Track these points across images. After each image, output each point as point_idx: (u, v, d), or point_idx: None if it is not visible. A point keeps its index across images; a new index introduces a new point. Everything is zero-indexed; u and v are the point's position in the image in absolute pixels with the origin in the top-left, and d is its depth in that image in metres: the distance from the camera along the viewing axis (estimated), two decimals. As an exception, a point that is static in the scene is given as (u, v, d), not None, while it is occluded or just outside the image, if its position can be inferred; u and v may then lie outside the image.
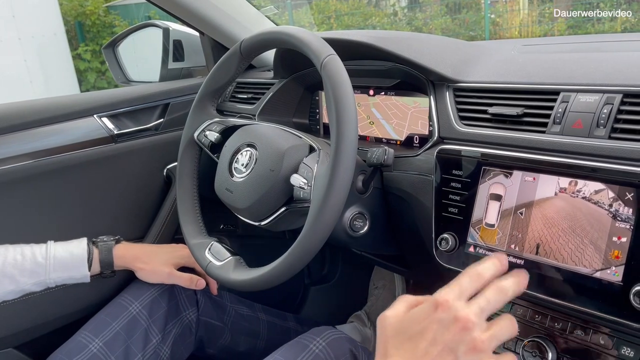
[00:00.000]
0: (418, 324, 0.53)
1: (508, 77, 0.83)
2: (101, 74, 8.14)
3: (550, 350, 0.72)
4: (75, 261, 0.93)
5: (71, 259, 0.93)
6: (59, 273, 0.92)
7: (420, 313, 0.54)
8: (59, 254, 0.92)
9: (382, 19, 7.52)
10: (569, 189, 0.68)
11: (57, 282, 0.93)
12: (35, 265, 0.90)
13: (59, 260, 0.92)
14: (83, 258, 0.94)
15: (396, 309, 0.56)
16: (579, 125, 0.70)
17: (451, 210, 0.80)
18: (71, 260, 0.93)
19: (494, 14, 6.48)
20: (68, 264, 0.92)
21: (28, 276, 0.90)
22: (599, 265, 0.65)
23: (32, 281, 0.91)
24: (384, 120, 1.04)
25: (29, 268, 0.90)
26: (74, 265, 0.93)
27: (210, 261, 0.90)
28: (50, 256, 0.91)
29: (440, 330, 0.51)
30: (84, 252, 0.94)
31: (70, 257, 0.93)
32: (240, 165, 0.90)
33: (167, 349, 0.98)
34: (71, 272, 0.93)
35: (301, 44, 0.80)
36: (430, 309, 0.53)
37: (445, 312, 0.52)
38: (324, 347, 0.84)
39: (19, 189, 1.05)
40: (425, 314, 0.53)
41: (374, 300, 1.47)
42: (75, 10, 8.23)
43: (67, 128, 1.13)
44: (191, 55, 1.44)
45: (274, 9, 1.49)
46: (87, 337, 0.92)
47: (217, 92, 1.01)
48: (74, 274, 0.93)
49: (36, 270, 0.90)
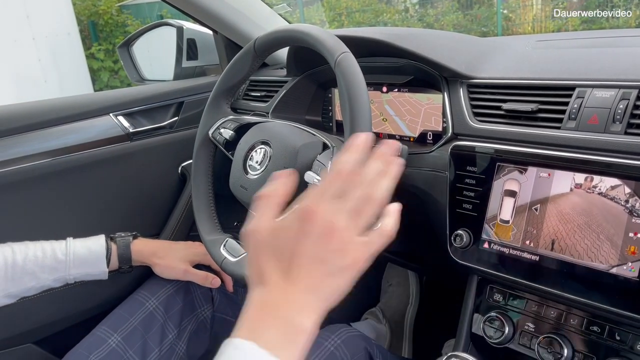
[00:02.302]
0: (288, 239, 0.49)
1: (522, 72, 0.83)
2: (114, 73, 8.20)
3: (566, 346, 0.72)
4: (93, 257, 0.94)
5: (90, 255, 0.94)
6: (78, 269, 0.93)
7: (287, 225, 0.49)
8: (78, 250, 0.94)
9: (393, 16, 7.49)
10: (584, 184, 0.68)
11: (77, 278, 0.94)
12: (55, 262, 0.92)
13: (78, 256, 0.93)
14: (101, 254, 0.95)
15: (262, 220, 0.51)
16: (595, 121, 0.70)
17: (465, 206, 0.80)
18: (90, 257, 0.94)
19: (506, 10, 6.42)
20: (87, 260, 0.94)
21: (48, 272, 0.91)
22: (615, 261, 0.65)
23: (52, 277, 0.92)
24: (397, 117, 1.04)
25: (49, 264, 0.91)
26: (93, 261, 0.94)
27: (225, 257, 0.90)
28: (70, 252, 0.93)
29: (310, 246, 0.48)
30: (102, 249, 0.95)
31: (88, 254, 0.94)
32: (254, 163, 0.90)
33: (183, 345, 0.99)
34: (90, 269, 0.94)
35: (315, 41, 0.81)
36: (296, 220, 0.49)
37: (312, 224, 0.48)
38: (339, 344, 0.85)
39: (36, 187, 1.07)
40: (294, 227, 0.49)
41: (388, 297, 1.48)
42: (89, 10, 8.30)
43: (83, 127, 1.14)
44: (205, 53, 1.44)
45: (287, 7, 1.49)
46: (106, 332, 0.93)
47: (231, 90, 1.01)
48: (93, 270, 0.94)
49: (56, 266, 0.92)
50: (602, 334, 0.71)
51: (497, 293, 0.83)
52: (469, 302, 0.86)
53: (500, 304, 0.82)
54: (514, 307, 0.80)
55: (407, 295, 1.46)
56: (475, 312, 0.85)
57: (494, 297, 0.83)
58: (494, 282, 0.83)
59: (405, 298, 1.45)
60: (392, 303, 1.46)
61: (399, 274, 1.49)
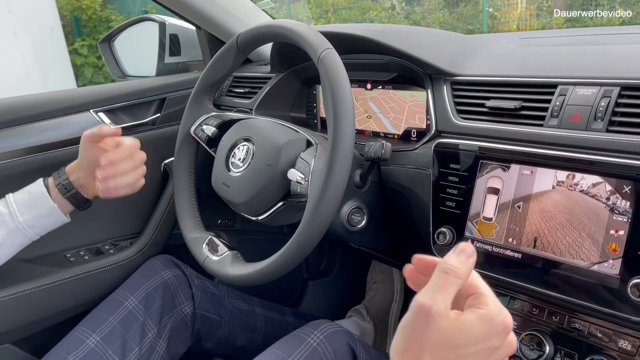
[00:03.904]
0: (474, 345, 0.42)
1: (506, 70, 0.83)
2: (98, 69, 8.10)
3: (548, 343, 0.72)
4: (35, 197, 0.90)
5: (30, 196, 0.90)
6: (26, 215, 0.89)
7: (479, 331, 0.42)
8: (18, 198, 0.90)
9: (379, 13, 7.49)
10: (566, 182, 0.68)
11: (31, 225, 0.90)
12: (0, 216, 0.88)
13: (20, 202, 0.89)
14: (42, 191, 0.90)
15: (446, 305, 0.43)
16: (577, 119, 0.70)
17: (449, 204, 0.80)
18: (31, 198, 0.90)
19: (492, 8, 6.45)
20: (30, 203, 0.90)
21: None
22: (596, 259, 0.65)
23: (3, 232, 0.88)
24: (382, 114, 1.04)
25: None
26: (36, 200, 0.90)
27: (207, 256, 0.90)
28: (10, 202, 0.89)
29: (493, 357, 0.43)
30: (41, 187, 0.91)
31: (29, 196, 0.90)
32: (237, 160, 0.89)
33: (163, 343, 0.98)
34: (38, 209, 0.90)
35: (298, 37, 0.80)
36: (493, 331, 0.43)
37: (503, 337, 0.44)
38: (321, 340, 0.84)
39: (15, 184, 1.04)
40: (485, 336, 0.43)
41: (373, 295, 1.48)
42: (72, 5, 8.18)
43: (63, 123, 1.12)
44: (188, 49, 1.43)
45: (271, 3, 1.48)
46: (84, 333, 0.92)
47: (214, 86, 1.00)
48: (41, 210, 0.90)
49: (3, 220, 0.88)
50: (583, 331, 0.71)
51: (480, 290, 0.83)
52: (452, 300, 0.86)
53: (483, 301, 0.82)
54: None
55: (392, 292, 1.46)
56: (458, 310, 0.85)
57: (477, 295, 0.83)
58: (477, 280, 0.83)
59: (390, 295, 1.45)
60: (376, 300, 1.45)
61: (383, 271, 1.49)
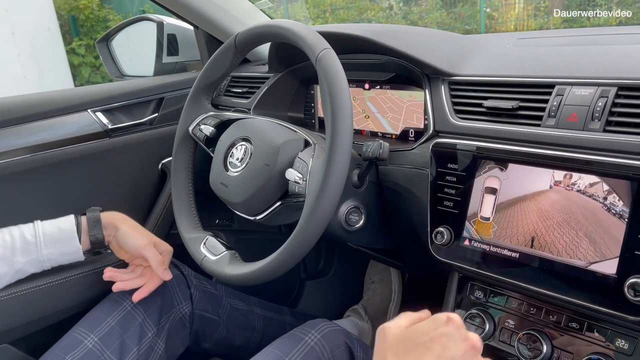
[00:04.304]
0: (425, 335, 0.53)
1: (503, 70, 0.83)
2: (95, 69, 8.07)
3: (545, 343, 0.73)
4: (64, 235, 0.91)
5: (60, 233, 0.91)
6: (50, 249, 0.90)
7: (427, 326, 0.54)
8: (48, 230, 0.91)
9: (377, 13, 7.49)
10: (563, 182, 0.68)
11: (51, 258, 0.91)
12: (25, 244, 0.89)
13: (48, 235, 0.90)
14: (72, 230, 0.92)
15: (398, 322, 0.56)
16: (574, 119, 0.70)
17: (446, 203, 0.80)
18: (60, 235, 0.91)
19: (489, 8, 6.46)
20: (58, 239, 0.91)
21: (20, 255, 0.88)
22: (593, 258, 0.65)
23: (24, 260, 0.89)
24: (380, 114, 1.04)
25: (20, 247, 0.88)
26: (64, 238, 0.91)
27: (205, 255, 0.89)
28: (39, 233, 0.90)
29: (450, 344, 0.51)
30: (72, 225, 0.92)
31: (59, 232, 0.91)
32: (235, 160, 0.89)
33: (162, 343, 0.98)
34: (63, 247, 0.91)
35: (296, 37, 0.80)
36: (438, 323, 0.53)
37: (457, 328, 0.53)
38: (319, 339, 0.84)
39: (12, 184, 1.05)
40: (433, 327, 0.53)
41: (371, 294, 1.48)
42: (69, 5, 8.15)
43: (60, 123, 1.12)
44: (185, 49, 1.43)
45: (269, 3, 1.48)
46: (82, 333, 0.92)
47: (212, 86, 1.00)
48: (66, 248, 0.91)
49: (27, 248, 0.89)
50: (580, 330, 0.71)
51: (478, 290, 0.83)
52: (450, 299, 0.86)
53: (481, 301, 0.82)
54: (495, 304, 0.80)
55: (390, 292, 1.46)
56: (456, 309, 0.85)
57: (475, 294, 0.83)
58: (475, 280, 0.83)
59: (388, 295, 1.46)
60: (374, 300, 1.46)
61: (381, 271, 1.49)
